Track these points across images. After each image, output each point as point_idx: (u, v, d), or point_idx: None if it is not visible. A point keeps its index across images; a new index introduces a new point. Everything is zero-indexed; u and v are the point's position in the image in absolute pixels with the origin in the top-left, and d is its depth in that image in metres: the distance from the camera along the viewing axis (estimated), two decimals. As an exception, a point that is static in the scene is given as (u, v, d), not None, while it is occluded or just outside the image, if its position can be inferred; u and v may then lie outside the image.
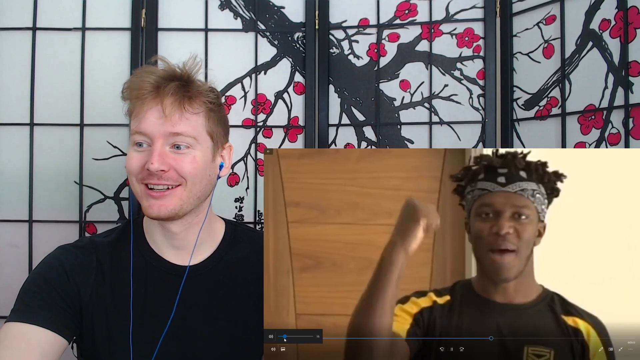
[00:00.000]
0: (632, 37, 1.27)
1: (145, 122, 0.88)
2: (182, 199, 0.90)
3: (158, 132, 0.88)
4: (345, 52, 1.65)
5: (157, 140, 0.88)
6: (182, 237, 0.97)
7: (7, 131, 1.58)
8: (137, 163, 0.89)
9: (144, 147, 0.89)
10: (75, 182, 1.58)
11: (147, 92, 0.88)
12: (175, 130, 0.88)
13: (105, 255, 0.96)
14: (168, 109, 0.87)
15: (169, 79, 0.90)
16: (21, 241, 1.56)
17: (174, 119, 0.88)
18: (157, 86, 0.89)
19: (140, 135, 0.89)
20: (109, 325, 0.93)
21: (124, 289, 0.94)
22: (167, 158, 0.88)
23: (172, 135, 0.88)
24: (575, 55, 1.40)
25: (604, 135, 1.33)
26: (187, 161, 0.89)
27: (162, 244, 0.98)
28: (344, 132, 1.65)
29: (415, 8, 1.62)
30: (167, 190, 0.89)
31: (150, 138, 0.88)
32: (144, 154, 0.89)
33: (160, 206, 0.89)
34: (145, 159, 0.88)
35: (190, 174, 0.90)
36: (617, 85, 1.30)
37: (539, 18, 1.49)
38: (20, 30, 1.58)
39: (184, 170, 0.89)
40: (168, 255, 0.98)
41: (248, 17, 1.65)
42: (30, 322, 0.85)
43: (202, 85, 0.94)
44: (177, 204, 0.90)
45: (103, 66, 1.60)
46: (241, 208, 1.62)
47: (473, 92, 1.59)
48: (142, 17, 1.59)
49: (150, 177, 0.88)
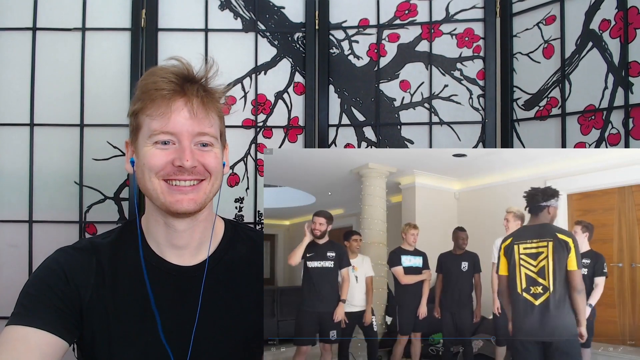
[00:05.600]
0: (632, 37, 1.27)
1: (173, 122, 0.90)
2: (207, 192, 0.95)
3: (187, 131, 0.91)
4: (345, 52, 1.65)
5: (186, 139, 0.91)
6: (186, 235, 0.98)
7: (7, 131, 1.58)
8: (163, 160, 0.91)
9: (169, 145, 0.91)
10: (76, 182, 1.58)
11: (171, 91, 0.90)
12: (202, 129, 0.92)
13: (105, 257, 0.97)
14: (196, 109, 0.91)
15: (190, 80, 0.93)
16: (21, 241, 1.56)
17: (201, 118, 0.91)
18: (181, 85, 0.91)
19: (166, 135, 0.91)
20: (110, 326, 0.93)
21: (124, 289, 0.95)
22: (196, 155, 0.92)
23: (200, 134, 0.92)
24: (575, 55, 1.40)
25: (604, 136, 1.33)
26: (211, 157, 0.94)
27: (164, 244, 0.99)
28: (344, 132, 1.65)
29: (415, 8, 1.62)
30: (194, 185, 0.93)
31: (178, 137, 0.91)
32: (168, 151, 0.91)
33: (190, 200, 0.92)
34: (171, 156, 0.91)
35: (215, 168, 0.95)
36: (617, 86, 1.30)
37: (539, 18, 1.49)
38: (20, 31, 1.58)
39: (210, 165, 0.93)
40: (169, 256, 0.99)
41: (248, 18, 1.65)
42: (29, 325, 0.86)
43: (219, 88, 0.98)
44: (203, 197, 0.94)
45: (103, 66, 1.59)
46: (241, 208, 1.62)
47: (473, 92, 1.59)
48: (142, 17, 1.59)
49: (179, 174, 0.91)
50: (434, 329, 2.36)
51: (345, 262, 2.00)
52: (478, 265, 2.21)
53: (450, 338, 2.17)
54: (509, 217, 2.07)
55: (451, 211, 3.34)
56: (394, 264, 2.21)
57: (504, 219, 2.08)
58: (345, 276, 1.98)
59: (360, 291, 2.10)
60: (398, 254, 2.23)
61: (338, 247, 2.04)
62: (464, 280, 2.18)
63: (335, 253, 1.96)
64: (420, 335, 2.25)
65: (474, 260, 2.21)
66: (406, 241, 2.24)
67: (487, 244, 2.24)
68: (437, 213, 3.03)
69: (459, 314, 2.15)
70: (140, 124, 0.93)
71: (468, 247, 2.28)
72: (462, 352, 2.19)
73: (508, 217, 2.06)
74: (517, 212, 2.11)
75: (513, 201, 2.78)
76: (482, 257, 2.17)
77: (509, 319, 1.26)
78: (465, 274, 2.18)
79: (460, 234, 2.23)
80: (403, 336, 2.19)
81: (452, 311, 2.16)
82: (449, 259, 2.23)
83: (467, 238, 2.22)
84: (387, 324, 2.36)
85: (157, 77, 0.91)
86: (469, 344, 2.19)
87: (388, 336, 2.67)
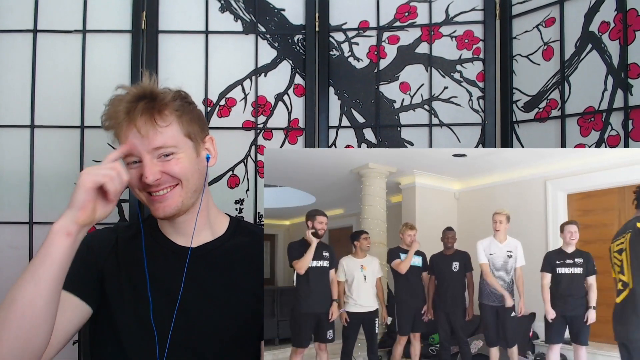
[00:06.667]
0: (632, 39, 1.28)
1: (131, 146, 1.01)
2: (182, 195, 1.04)
3: (142, 150, 1.00)
4: (345, 54, 1.66)
5: (145, 157, 1.00)
6: (186, 225, 1.10)
7: (8, 133, 1.58)
8: (136, 177, 1.02)
9: (138, 164, 1.02)
10: (76, 183, 1.58)
11: (121, 119, 1.01)
12: (155, 145, 1.00)
13: (122, 238, 1.13)
14: (143, 129, 0.99)
15: (136, 101, 1.01)
16: (21, 243, 1.56)
17: (150, 135, 1.00)
18: (127, 112, 1.00)
19: (131, 156, 1.02)
20: (119, 289, 1.07)
21: (132, 265, 1.09)
22: (157, 167, 1.01)
23: (154, 149, 1.01)
24: (575, 57, 1.40)
25: (604, 137, 1.33)
26: (173, 164, 1.02)
27: (171, 232, 1.13)
28: (344, 134, 1.65)
29: (415, 10, 1.63)
30: (167, 193, 1.03)
31: (139, 156, 1.01)
32: (138, 169, 1.02)
33: (165, 207, 1.04)
34: (140, 172, 1.01)
35: (181, 173, 1.03)
36: (616, 87, 1.31)
37: (539, 20, 1.49)
38: (21, 33, 1.58)
39: (173, 171, 1.02)
40: (176, 239, 1.12)
41: (248, 20, 1.65)
42: (66, 289, 0.99)
43: (167, 95, 1.04)
44: (178, 201, 1.04)
45: (103, 68, 1.60)
46: (241, 210, 1.62)
47: (473, 94, 1.59)
48: (143, 20, 1.59)
49: (149, 186, 1.02)
50: (433, 329, 2.36)
51: (335, 262, 2.01)
52: (469, 264, 2.21)
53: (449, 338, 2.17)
54: (501, 218, 2.06)
55: (451, 211, 3.34)
56: (392, 259, 2.21)
57: (496, 221, 2.07)
58: (334, 277, 1.99)
59: (368, 291, 2.10)
60: (396, 251, 2.24)
61: (329, 247, 2.05)
62: (456, 280, 2.18)
63: (329, 253, 1.97)
64: (420, 336, 2.25)
65: (464, 260, 2.21)
66: (404, 241, 2.25)
67: (487, 244, 2.23)
68: (437, 213, 3.04)
69: (453, 313, 2.16)
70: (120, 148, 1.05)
71: (468, 247, 2.28)
72: (460, 352, 2.19)
73: (500, 218, 2.06)
74: (507, 214, 2.11)
75: (513, 201, 2.78)
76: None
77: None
78: (457, 274, 2.19)
79: (447, 234, 2.23)
80: (402, 336, 2.19)
81: (446, 311, 2.16)
82: (440, 260, 2.23)
83: (453, 237, 2.23)
84: (387, 324, 2.36)
85: (110, 108, 1.03)
86: (465, 344, 2.19)
87: (388, 336, 2.66)
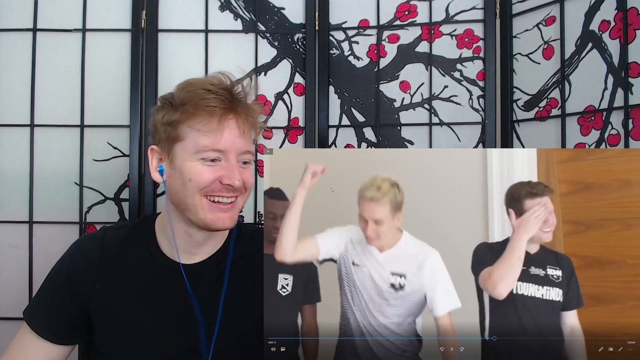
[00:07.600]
0: (632, 38, 1.27)
1: (224, 140, 0.89)
2: (239, 208, 0.96)
3: (236, 149, 0.91)
4: (345, 53, 1.66)
5: (233, 157, 0.91)
6: (204, 244, 1.00)
7: (8, 132, 1.58)
8: (211, 177, 0.90)
9: (216, 162, 0.90)
10: (76, 183, 1.58)
11: (222, 108, 0.89)
12: (247, 148, 0.93)
13: (111, 253, 0.99)
14: (245, 127, 0.91)
15: (233, 97, 0.92)
16: (21, 242, 1.56)
17: (247, 136, 0.92)
18: (231, 102, 0.90)
19: (215, 152, 0.90)
20: (113, 316, 0.96)
21: (128, 285, 0.97)
22: (239, 172, 0.92)
23: (245, 152, 0.93)
24: (575, 56, 1.40)
25: (604, 136, 1.33)
26: (250, 174, 0.95)
27: (180, 249, 0.98)
28: (344, 133, 1.65)
29: (415, 9, 1.62)
30: (232, 202, 0.93)
31: (227, 154, 0.91)
32: (216, 168, 0.90)
33: (229, 218, 0.93)
34: (219, 173, 0.90)
35: (252, 185, 0.96)
36: (616, 86, 1.31)
37: (539, 19, 1.49)
38: (20, 32, 1.58)
39: (249, 182, 0.94)
40: (181, 257, 0.99)
41: (248, 18, 1.65)
42: (38, 333, 0.95)
43: (257, 106, 0.97)
44: (237, 213, 0.96)
45: (103, 67, 1.60)
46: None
47: (473, 93, 1.59)
48: (143, 18, 1.59)
49: (224, 191, 0.91)
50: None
51: None
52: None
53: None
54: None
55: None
56: None
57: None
58: None
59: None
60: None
61: None
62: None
63: None
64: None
65: None
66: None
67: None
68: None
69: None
70: (181, 135, 0.91)
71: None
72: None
73: None
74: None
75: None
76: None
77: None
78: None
79: None
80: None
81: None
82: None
83: None
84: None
85: (205, 91, 0.90)
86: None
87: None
